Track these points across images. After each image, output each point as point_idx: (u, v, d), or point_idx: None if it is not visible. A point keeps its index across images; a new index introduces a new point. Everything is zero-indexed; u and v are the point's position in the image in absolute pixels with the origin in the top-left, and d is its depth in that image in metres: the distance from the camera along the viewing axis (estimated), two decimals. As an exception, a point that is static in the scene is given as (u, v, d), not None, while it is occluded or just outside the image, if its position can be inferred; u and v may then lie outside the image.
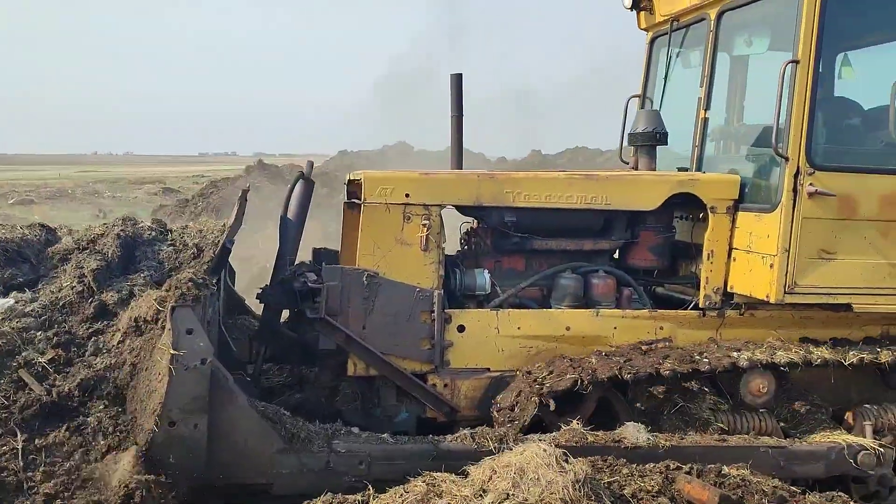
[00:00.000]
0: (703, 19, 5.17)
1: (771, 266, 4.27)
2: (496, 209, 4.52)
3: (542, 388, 4.04)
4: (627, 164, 5.72)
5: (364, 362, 4.31)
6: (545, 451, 3.26)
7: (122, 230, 4.51)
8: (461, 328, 4.42)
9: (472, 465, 3.39)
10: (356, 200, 4.63)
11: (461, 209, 4.58)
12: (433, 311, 4.30)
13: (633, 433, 3.92)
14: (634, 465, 3.63)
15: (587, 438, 3.86)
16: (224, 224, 4.34)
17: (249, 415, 3.55)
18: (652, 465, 3.66)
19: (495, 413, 4.23)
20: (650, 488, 3.42)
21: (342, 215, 4.99)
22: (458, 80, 4.92)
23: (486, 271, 4.53)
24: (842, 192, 4.28)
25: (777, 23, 4.91)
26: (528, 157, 25.97)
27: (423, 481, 3.32)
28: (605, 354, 4.27)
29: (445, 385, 4.38)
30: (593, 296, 4.59)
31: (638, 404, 4.30)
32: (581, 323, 4.49)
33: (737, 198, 4.58)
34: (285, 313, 4.78)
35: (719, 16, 5.00)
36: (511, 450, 3.45)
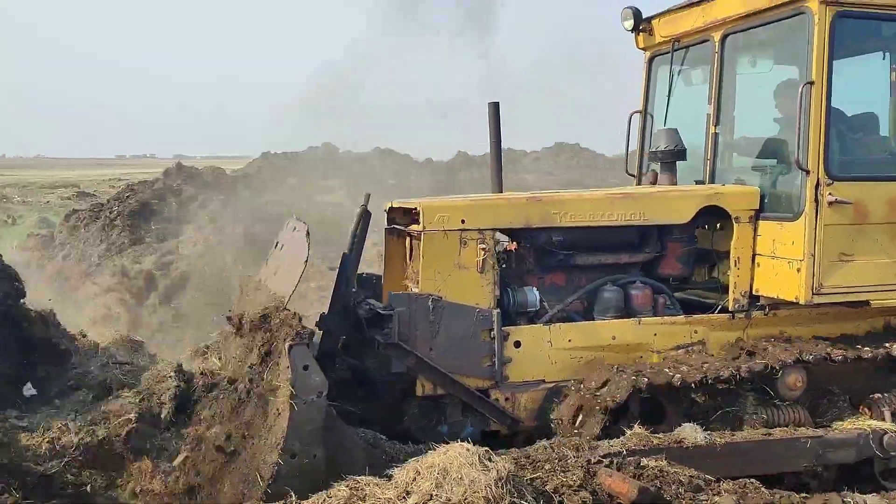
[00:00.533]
0: (706, 41, 5.52)
1: (798, 270, 4.66)
2: (543, 230, 4.81)
3: (603, 401, 4.30)
4: (633, 175, 6.18)
5: (432, 382, 4.47)
6: (468, 450, 3.28)
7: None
8: (517, 344, 4.66)
9: (397, 467, 3.38)
10: (398, 227, 4.98)
11: (512, 231, 4.85)
12: (492, 330, 4.55)
13: (692, 434, 4.22)
14: (557, 461, 3.68)
15: (652, 441, 4.10)
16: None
17: (355, 442, 3.77)
18: (574, 459, 3.72)
19: (556, 426, 4.50)
20: (572, 483, 3.48)
21: (384, 242, 5.22)
22: (495, 108, 5.25)
23: (535, 289, 4.79)
24: (856, 199, 4.69)
25: (782, 44, 5.29)
26: (454, 159, 26.06)
27: (347, 486, 3.30)
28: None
29: (507, 399, 4.62)
30: (633, 306, 4.90)
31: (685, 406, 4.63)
32: (625, 332, 4.81)
33: (757, 208, 4.95)
34: None
35: (724, 38, 5.36)
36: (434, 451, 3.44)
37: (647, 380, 4.34)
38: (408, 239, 4.97)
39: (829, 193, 4.61)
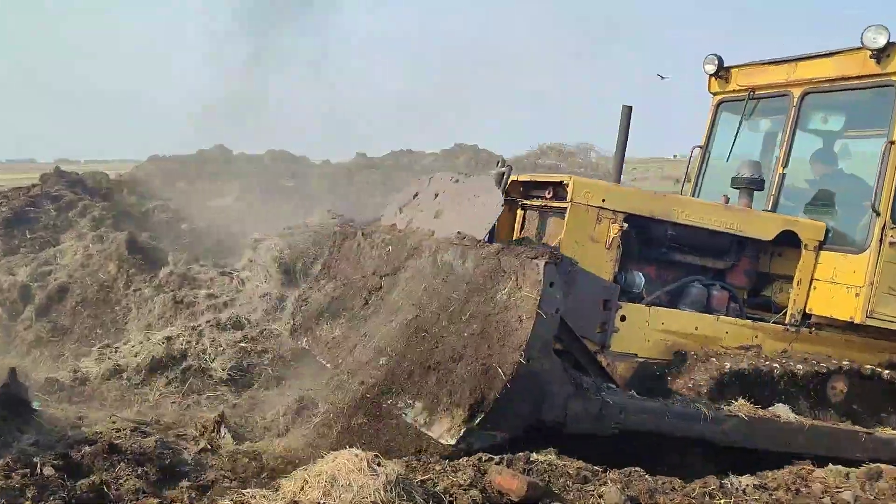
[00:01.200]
0: (785, 95, 6.35)
1: (857, 295, 5.52)
2: (661, 223, 5.40)
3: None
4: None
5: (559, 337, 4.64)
6: (357, 456, 3.24)
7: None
8: (623, 318, 5.18)
9: (284, 478, 3.30)
10: (513, 198, 5.60)
11: (633, 217, 5.29)
12: (609, 301, 5.04)
13: (785, 412, 4.97)
14: (448, 462, 3.69)
15: (756, 414, 4.81)
16: None
17: (557, 362, 4.12)
18: (465, 458, 3.74)
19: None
20: (462, 482, 3.50)
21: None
22: (627, 111, 5.67)
23: (640, 273, 5.35)
24: None
25: (861, 107, 6.17)
26: (354, 160, 25.82)
27: (231, 499, 3.19)
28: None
29: (607, 365, 5.01)
30: (713, 305, 5.61)
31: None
32: (705, 325, 5.46)
33: (822, 239, 5.78)
34: None
35: (804, 95, 6.21)
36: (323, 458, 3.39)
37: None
38: (520, 211, 5.67)
39: (892, 235, 5.52)
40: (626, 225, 5.21)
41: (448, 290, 4.51)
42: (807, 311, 5.78)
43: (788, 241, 5.80)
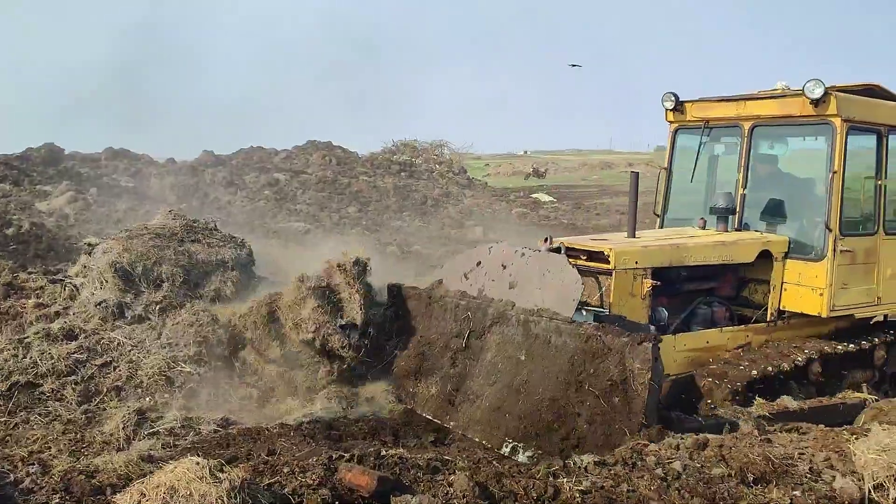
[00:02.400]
0: (735, 126, 7.73)
1: (821, 294, 7.06)
2: (675, 267, 6.70)
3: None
4: (658, 215, 8.59)
5: None
6: (198, 464, 3.12)
7: None
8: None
9: (119, 493, 3.12)
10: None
11: (657, 269, 6.47)
12: None
13: (790, 401, 6.20)
14: (296, 463, 3.63)
15: (774, 406, 6.06)
16: None
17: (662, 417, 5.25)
18: (314, 458, 3.70)
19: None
20: (311, 482, 3.46)
21: None
22: (635, 177, 7.06)
23: (663, 308, 6.64)
24: (851, 248, 7.17)
25: (803, 138, 7.77)
26: (200, 157, 24.81)
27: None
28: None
29: None
30: (716, 319, 7.03)
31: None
32: (713, 338, 6.82)
33: (787, 251, 7.27)
34: None
35: (753, 128, 7.62)
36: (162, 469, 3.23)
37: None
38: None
39: (842, 245, 7.05)
40: (654, 281, 6.41)
41: (550, 358, 5.53)
42: (780, 308, 7.28)
43: (759, 253, 7.23)
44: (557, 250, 6.25)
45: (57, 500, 3.98)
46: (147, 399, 6.21)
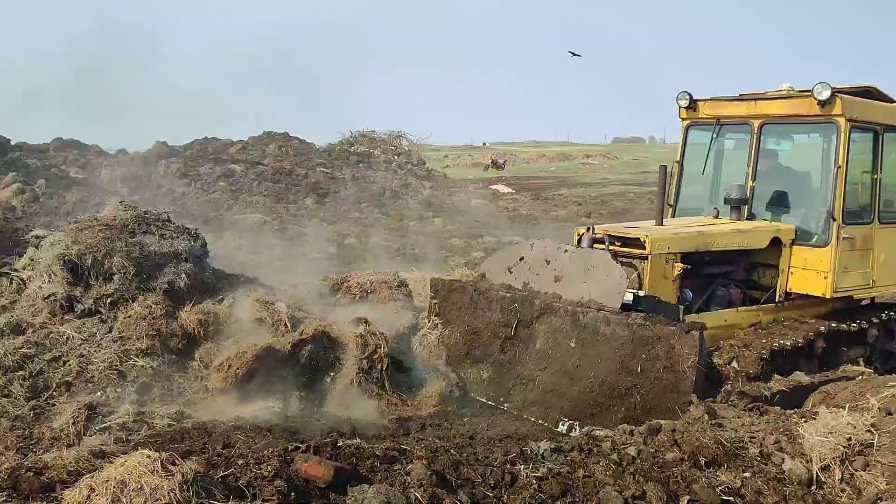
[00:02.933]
0: (746, 124, 8.31)
1: (825, 277, 7.75)
2: (701, 252, 7.29)
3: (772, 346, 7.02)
4: (671, 206, 8.99)
5: None
6: (149, 457, 3.06)
7: None
8: None
9: (67, 489, 3.05)
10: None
11: (685, 254, 7.06)
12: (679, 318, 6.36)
13: (801, 377, 6.81)
14: (251, 454, 3.59)
15: (791, 382, 6.62)
16: None
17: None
18: (270, 450, 3.66)
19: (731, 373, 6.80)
20: (266, 474, 3.42)
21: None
22: (664, 170, 7.48)
23: (689, 290, 7.23)
24: (852, 235, 7.83)
25: (808, 134, 8.44)
26: (153, 148, 24.32)
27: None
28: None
29: None
30: (732, 300, 7.70)
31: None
32: (731, 317, 7.46)
33: (794, 238, 7.93)
34: None
35: (762, 125, 8.18)
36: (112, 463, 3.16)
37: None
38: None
39: (844, 232, 7.69)
40: (683, 264, 6.96)
41: (599, 345, 6.14)
42: (787, 290, 7.95)
43: (770, 240, 7.81)
44: (601, 241, 6.89)
45: (4, 498, 3.86)
46: (98, 393, 6.07)
